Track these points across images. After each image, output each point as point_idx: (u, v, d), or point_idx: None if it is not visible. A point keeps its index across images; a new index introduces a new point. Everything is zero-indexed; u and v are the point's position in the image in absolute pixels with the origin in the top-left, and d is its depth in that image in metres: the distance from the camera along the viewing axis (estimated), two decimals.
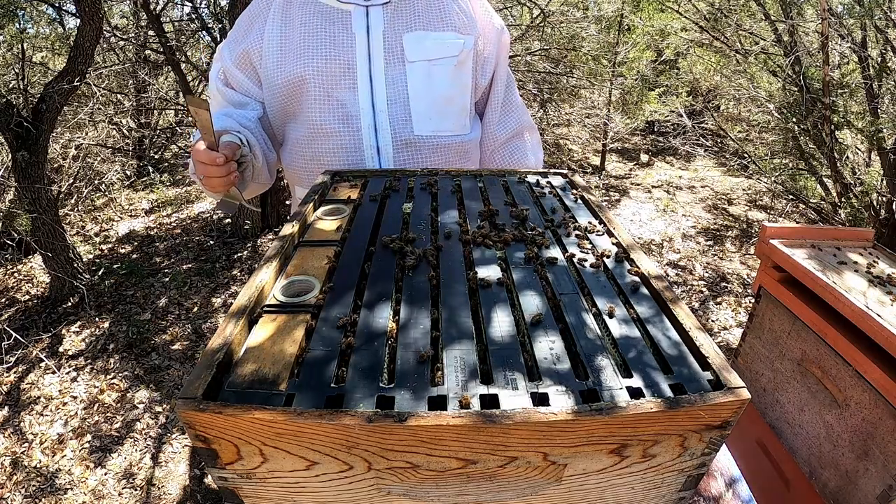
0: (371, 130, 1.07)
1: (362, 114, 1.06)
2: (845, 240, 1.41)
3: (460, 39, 1.08)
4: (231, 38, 1.13)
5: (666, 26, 4.66)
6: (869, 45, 2.92)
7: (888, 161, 2.89)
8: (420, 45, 1.06)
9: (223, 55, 1.14)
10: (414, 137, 1.08)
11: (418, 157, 1.11)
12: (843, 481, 1.16)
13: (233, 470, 0.53)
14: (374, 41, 1.04)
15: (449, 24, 1.08)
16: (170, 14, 4.68)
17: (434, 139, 1.10)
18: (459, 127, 1.14)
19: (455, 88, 1.10)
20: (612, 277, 0.73)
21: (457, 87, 1.10)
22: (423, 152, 1.10)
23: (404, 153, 1.09)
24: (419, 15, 1.07)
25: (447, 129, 1.11)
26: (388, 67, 1.05)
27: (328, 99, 1.06)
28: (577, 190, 1.02)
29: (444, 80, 1.08)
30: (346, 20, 1.05)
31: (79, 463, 2.16)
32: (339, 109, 1.06)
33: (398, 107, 1.07)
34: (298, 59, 1.04)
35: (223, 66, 1.14)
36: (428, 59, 1.06)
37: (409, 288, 0.68)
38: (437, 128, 1.10)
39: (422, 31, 1.06)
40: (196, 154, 0.91)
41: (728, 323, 3.15)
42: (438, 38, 1.06)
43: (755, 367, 1.47)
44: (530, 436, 0.49)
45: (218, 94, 1.16)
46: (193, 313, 3.16)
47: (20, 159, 2.75)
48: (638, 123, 5.92)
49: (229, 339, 0.57)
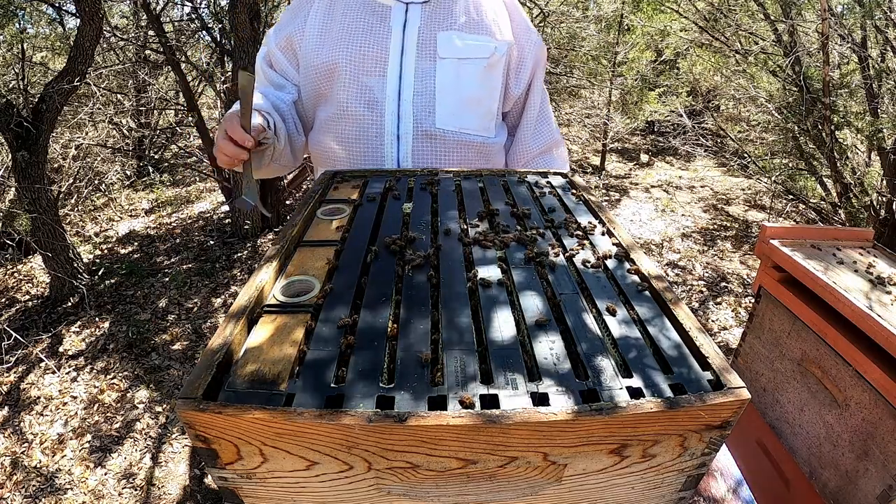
0: (394, 117, 1.10)
1: (387, 101, 1.09)
2: (845, 240, 1.41)
3: (493, 44, 1.11)
4: (278, 23, 1.20)
5: (665, 26, 4.66)
6: (869, 45, 2.92)
7: (888, 161, 2.89)
8: (452, 44, 1.09)
9: (269, 40, 1.20)
10: (435, 130, 1.10)
11: (437, 150, 1.13)
12: (843, 481, 1.16)
13: (233, 470, 0.53)
14: (409, 36, 1.09)
15: (484, 29, 1.11)
16: (170, 14, 4.68)
17: (455, 135, 1.12)
18: (483, 128, 1.16)
19: (483, 90, 1.12)
20: (612, 277, 0.73)
21: (485, 89, 1.13)
22: (442, 146, 1.13)
23: (424, 144, 1.11)
24: (456, 16, 1.10)
25: (470, 127, 1.13)
26: (419, 61, 1.09)
27: (357, 83, 1.10)
28: (577, 190, 1.02)
29: (473, 79, 1.11)
30: (385, 14, 1.10)
31: (79, 463, 2.16)
32: (366, 94, 1.10)
33: (424, 98, 1.09)
34: (335, 45, 1.10)
35: (269, 48, 1.20)
36: (458, 57, 1.09)
37: (409, 288, 0.68)
38: (460, 125, 1.12)
39: (456, 32, 1.10)
40: (231, 130, 0.93)
41: (728, 323, 3.15)
42: (471, 40, 1.10)
43: (755, 367, 1.47)
44: (530, 436, 0.49)
45: (261, 73, 1.21)
46: (193, 313, 3.16)
47: (20, 159, 2.75)
48: (638, 123, 5.92)
49: (229, 339, 0.57)
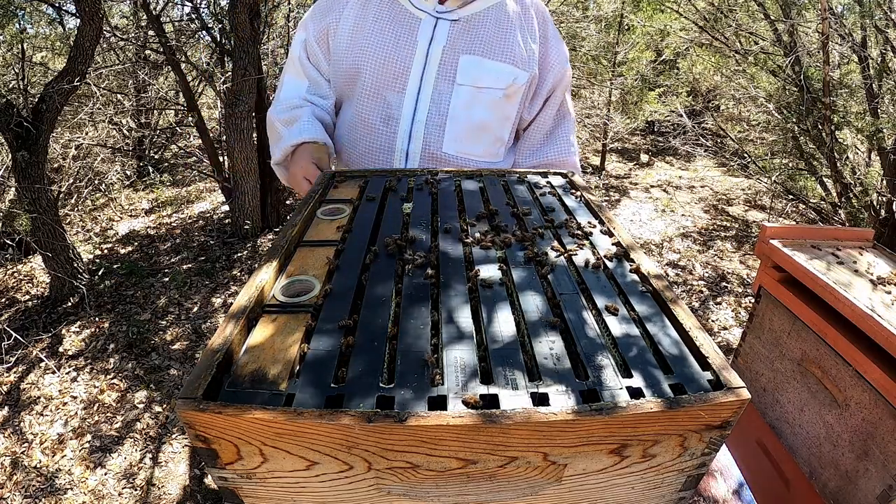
0: (406, 136, 1.12)
1: (403, 119, 1.11)
2: (845, 240, 1.41)
3: (513, 74, 1.10)
4: (316, 11, 1.19)
5: (665, 26, 4.66)
6: (869, 45, 2.92)
7: (888, 161, 2.89)
8: (472, 70, 1.09)
9: (308, 27, 1.19)
10: (441, 154, 1.13)
11: None
12: (843, 481, 1.16)
13: (233, 470, 0.53)
14: (433, 54, 1.09)
15: (508, 56, 1.10)
16: (170, 14, 4.68)
17: (459, 159, 1.14)
18: (489, 154, 1.18)
19: (495, 119, 1.13)
20: (612, 277, 0.73)
21: (497, 118, 1.14)
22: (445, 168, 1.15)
23: (429, 166, 1.14)
24: (482, 40, 1.09)
25: (475, 153, 1.15)
26: (438, 82, 1.10)
27: (378, 96, 1.12)
28: (577, 190, 1.02)
29: (486, 108, 1.11)
30: (413, 26, 1.09)
31: (79, 463, 2.16)
32: (385, 109, 1.12)
33: (435, 122, 1.11)
34: (362, 51, 1.11)
35: (307, 36, 1.20)
36: (476, 85, 1.09)
37: (409, 288, 0.68)
38: (466, 150, 1.14)
39: (479, 57, 1.09)
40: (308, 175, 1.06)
41: (728, 323, 3.15)
42: (492, 68, 1.09)
43: (755, 367, 1.47)
44: (530, 436, 0.49)
45: (300, 65, 1.21)
46: (193, 313, 3.16)
47: (20, 159, 2.75)
48: (638, 123, 5.92)
49: (229, 339, 0.57)
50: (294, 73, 1.22)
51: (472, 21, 1.10)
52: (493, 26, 1.11)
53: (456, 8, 1.09)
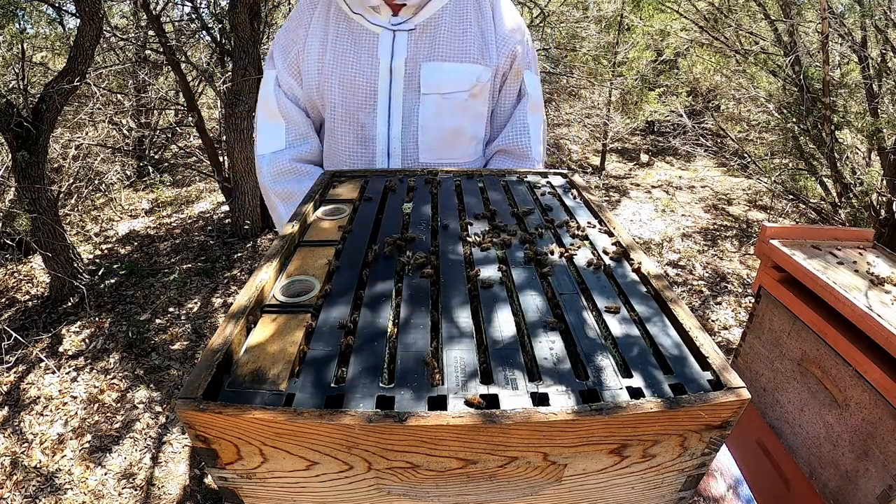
0: (384, 155, 1.14)
1: (379, 138, 1.13)
2: (845, 240, 1.41)
3: (476, 73, 1.10)
4: (280, 44, 1.18)
5: (666, 26, 4.66)
6: (869, 45, 2.92)
7: (888, 161, 2.89)
8: (435, 77, 1.09)
9: (276, 63, 1.18)
10: (418, 165, 1.15)
11: None
12: (843, 481, 1.16)
13: (233, 470, 0.53)
14: (396, 67, 1.09)
15: (467, 55, 1.10)
16: (170, 14, 4.68)
17: (437, 166, 1.15)
18: (466, 155, 1.18)
19: (466, 120, 1.13)
20: (612, 277, 0.73)
21: (468, 119, 1.14)
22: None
23: None
24: (440, 43, 1.09)
25: (451, 157, 1.16)
26: (405, 96, 1.10)
27: (351, 119, 1.13)
28: (576, 190, 1.02)
29: (454, 113, 1.11)
30: (372, 43, 1.09)
31: (79, 463, 2.16)
32: (360, 131, 1.13)
33: (409, 135, 1.12)
34: (330, 77, 1.11)
35: (277, 73, 1.18)
36: (440, 92, 1.09)
37: (409, 288, 0.68)
38: (441, 157, 1.15)
39: (440, 62, 1.09)
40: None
41: (728, 323, 3.15)
42: (453, 71, 1.09)
43: (755, 367, 1.47)
44: (530, 436, 0.49)
45: (276, 104, 1.19)
46: (193, 313, 3.16)
47: (20, 159, 2.75)
48: (638, 123, 5.92)
49: (229, 339, 0.57)
50: (269, 115, 1.19)
51: (429, 26, 1.09)
52: (449, 27, 1.09)
53: (411, 17, 1.08)
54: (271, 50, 1.20)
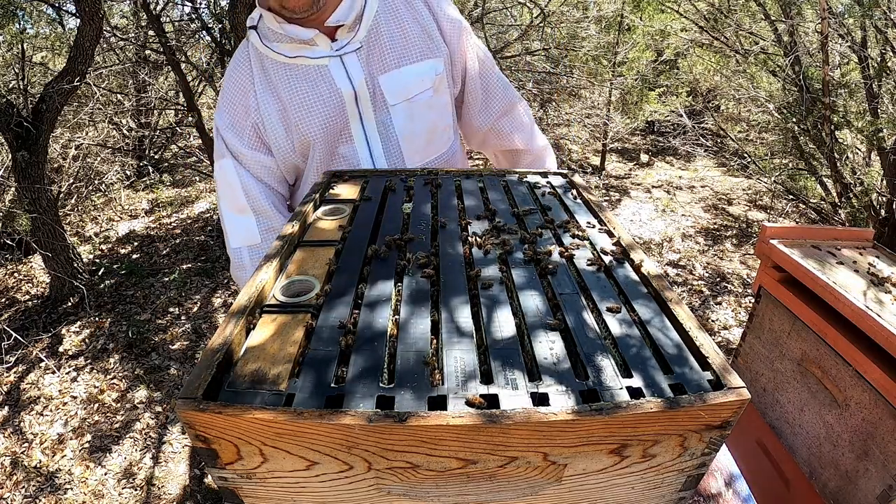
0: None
1: (363, 163, 1.12)
2: (845, 240, 1.41)
3: (431, 67, 1.11)
4: (227, 124, 1.11)
5: (666, 26, 4.66)
6: (869, 45, 2.92)
7: (888, 161, 2.89)
8: (396, 86, 1.09)
9: (231, 146, 1.11)
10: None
11: None
12: (843, 481, 1.16)
13: (233, 470, 0.53)
14: (359, 90, 1.07)
15: (416, 53, 1.10)
16: (170, 14, 4.68)
17: (426, 165, 1.18)
18: (444, 145, 1.21)
19: (436, 115, 1.15)
20: (612, 277, 0.73)
21: (437, 113, 1.16)
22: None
23: None
24: (388, 52, 1.08)
25: (433, 153, 1.19)
26: (376, 114, 1.10)
27: (332, 154, 1.12)
28: (576, 190, 1.02)
29: (424, 113, 1.13)
30: (326, 76, 1.06)
31: (79, 463, 2.16)
32: (343, 162, 1.13)
33: (391, 148, 1.13)
34: (301, 124, 1.07)
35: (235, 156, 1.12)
36: (407, 98, 1.10)
37: (409, 288, 0.68)
38: (425, 157, 1.17)
39: (395, 71, 1.09)
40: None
41: (728, 323, 3.15)
42: (411, 73, 1.09)
43: (755, 367, 1.47)
44: (530, 436, 0.49)
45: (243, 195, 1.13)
46: (193, 313, 3.16)
47: (20, 159, 2.75)
48: (638, 123, 5.92)
49: (229, 339, 0.57)
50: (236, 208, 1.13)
51: (371, 39, 1.08)
52: (390, 34, 1.09)
53: (352, 37, 1.06)
54: (217, 136, 1.13)
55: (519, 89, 4.75)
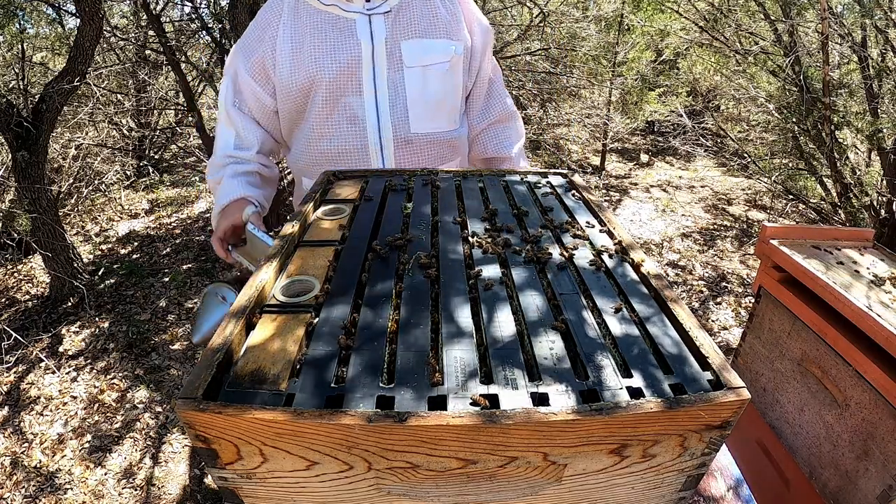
0: (375, 130, 1.18)
1: (368, 116, 1.17)
2: (845, 240, 1.41)
3: (451, 46, 1.19)
4: (242, 47, 1.20)
5: (665, 26, 4.66)
6: (869, 45, 2.92)
7: (888, 161, 2.89)
8: (416, 52, 1.17)
9: (236, 67, 1.20)
10: (411, 135, 1.20)
11: (415, 152, 1.23)
12: (843, 481, 1.16)
13: (233, 470, 0.53)
14: (378, 47, 1.15)
15: (441, 32, 1.19)
16: (170, 14, 4.68)
17: (428, 136, 1.22)
18: (451, 124, 1.26)
19: (447, 90, 1.21)
20: (612, 277, 0.73)
21: (448, 89, 1.22)
22: (418, 148, 1.22)
23: (403, 149, 1.21)
24: (415, 23, 1.17)
25: (439, 126, 1.23)
26: (390, 72, 1.16)
27: (337, 102, 1.16)
28: (576, 190, 1.02)
29: (437, 83, 1.19)
30: (351, 28, 1.15)
31: (79, 463, 2.16)
32: (347, 112, 1.17)
33: (398, 109, 1.18)
34: (311, 63, 1.14)
35: (237, 77, 1.21)
36: (423, 65, 1.17)
37: (409, 288, 0.68)
38: (432, 127, 1.21)
39: (417, 39, 1.17)
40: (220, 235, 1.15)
41: (728, 323, 3.15)
42: (432, 45, 1.17)
43: (755, 367, 1.47)
44: (530, 436, 0.49)
45: (227, 113, 1.24)
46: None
47: (20, 159, 2.75)
48: (638, 123, 5.92)
49: (229, 339, 0.57)
50: (224, 121, 1.25)
51: (402, 10, 1.17)
52: (420, 10, 1.18)
53: (383, 2, 1.16)
54: (230, 58, 1.22)
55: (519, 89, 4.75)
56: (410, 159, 1.23)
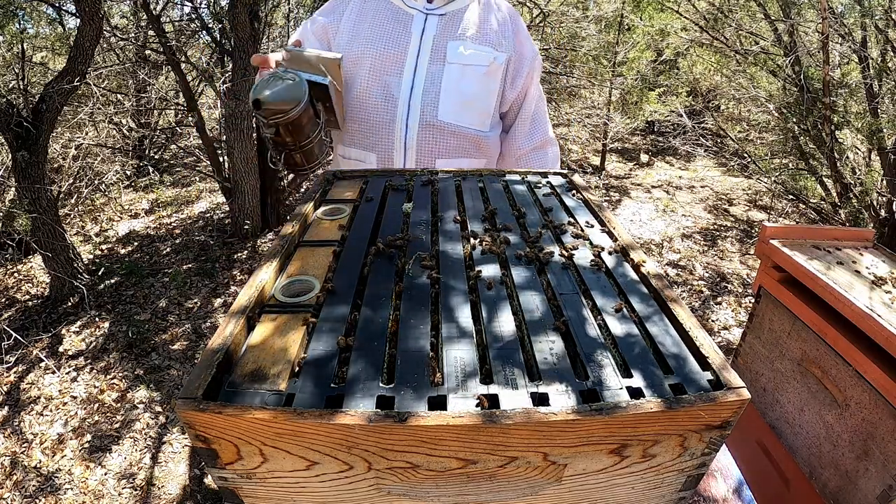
0: (405, 108, 1.28)
1: (401, 96, 1.28)
2: (845, 240, 1.41)
3: (493, 55, 1.30)
4: (318, 14, 1.38)
5: (666, 26, 4.66)
6: (869, 45, 2.92)
7: (888, 161, 2.89)
8: (459, 52, 1.29)
9: (305, 26, 1.38)
10: (437, 121, 1.29)
11: (437, 138, 1.31)
12: (843, 481, 1.16)
13: (233, 470, 0.53)
14: (425, 43, 1.28)
15: (487, 41, 1.31)
16: (170, 14, 4.68)
17: (453, 126, 1.30)
18: (478, 123, 1.34)
19: (481, 92, 1.32)
20: (612, 277, 0.73)
21: (482, 91, 1.32)
22: (441, 134, 1.30)
23: (427, 132, 1.30)
24: (466, 28, 1.30)
25: (466, 121, 1.31)
26: (431, 65, 1.28)
27: (378, 79, 1.29)
28: (576, 190, 1.02)
29: (473, 83, 1.29)
30: (407, 22, 1.29)
31: (79, 463, 2.16)
32: (385, 89, 1.29)
33: (430, 96, 1.28)
34: (365, 42, 1.29)
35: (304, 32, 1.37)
36: (463, 63, 1.29)
37: (409, 288, 0.68)
38: (458, 119, 1.30)
39: (463, 41, 1.30)
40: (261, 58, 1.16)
41: (728, 323, 3.15)
42: (475, 49, 1.30)
43: (755, 367, 1.47)
44: (530, 436, 0.49)
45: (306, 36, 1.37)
46: (193, 313, 3.16)
47: (20, 159, 2.75)
48: (638, 123, 5.92)
49: (229, 339, 0.57)
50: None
51: (456, 15, 1.31)
52: (473, 19, 1.32)
53: (441, 5, 1.30)
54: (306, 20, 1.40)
55: None
56: (431, 143, 1.31)
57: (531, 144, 1.42)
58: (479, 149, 1.36)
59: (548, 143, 1.45)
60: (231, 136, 3.66)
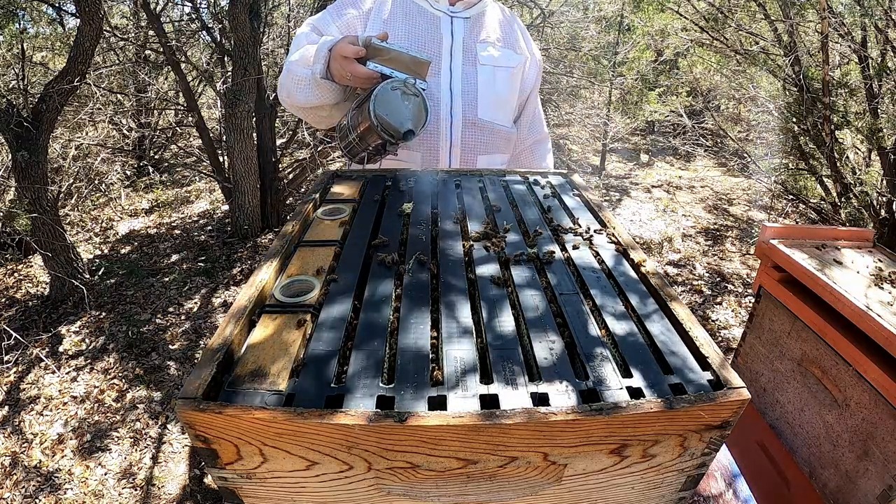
0: (448, 109, 1.32)
1: (443, 95, 1.31)
2: (845, 240, 1.41)
3: (516, 57, 1.39)
4: (332, 10, 1.33)
5: (666, 26, 4.66)
6: (869, 45, 2.92)
7: (888, 161, 2.89)
8: (489, 54, 1.36)
9: (325, 19, 1.32)
10: (477, 119, 1.34)
11: (478, 135, 1.36)
12: (843, 481, 1.16)
13: (233, 470, 0.53)
14: (456, 44, 1.33)
15: (509, 44, 1.39)
16: (170, 14, 4.68)
17: (491, 124, 1.36)
18: (507, 120, 1.42)
19: (509, 91, 1.39)
20: (612, 277, 0.73)
21: (510, 91, 1.40)
22: (481, 132, 1.35)
23: (469, 130, 1.34)
24: (489, 31, 1.37)
25: (500, 119, 1.38)
26: (465, 66, 1.33)
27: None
28: (576, 190, 1.02)
29: (503, 82, 1.37)
30: (436, 23, 1.33)
31: (79, 463, 2.16)
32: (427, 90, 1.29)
33: (469, 96, 1.33)
34: (404, 42, 1.27)
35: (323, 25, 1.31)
36: (494, 65, 1.36)
37: (409, 287, 0.68)
38: (495, 117, 1.37)
39: (491, 44, 1.37)
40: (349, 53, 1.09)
41: (728, 323, 3.15)
42: (502, 52, 1.37)
43: (755, 367, 1.47)
44: (530, 436, 0.49)
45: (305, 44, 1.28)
46: (193, 313, 3.16)
47: (20, 159, 2.75)
48: (638, 123, 5.92)
49: (229, 338, 0.57)
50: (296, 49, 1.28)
51: (480, 19, 1.37)
52: (494, 24, 1.39)
53: (464, 9, 1.35)
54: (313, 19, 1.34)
55: None
56: (474, 141, 1.35)
57: (534, 137, 1.53)
58: (508, 143, 1.44)
59: (545, 137, 1.58)
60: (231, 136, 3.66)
